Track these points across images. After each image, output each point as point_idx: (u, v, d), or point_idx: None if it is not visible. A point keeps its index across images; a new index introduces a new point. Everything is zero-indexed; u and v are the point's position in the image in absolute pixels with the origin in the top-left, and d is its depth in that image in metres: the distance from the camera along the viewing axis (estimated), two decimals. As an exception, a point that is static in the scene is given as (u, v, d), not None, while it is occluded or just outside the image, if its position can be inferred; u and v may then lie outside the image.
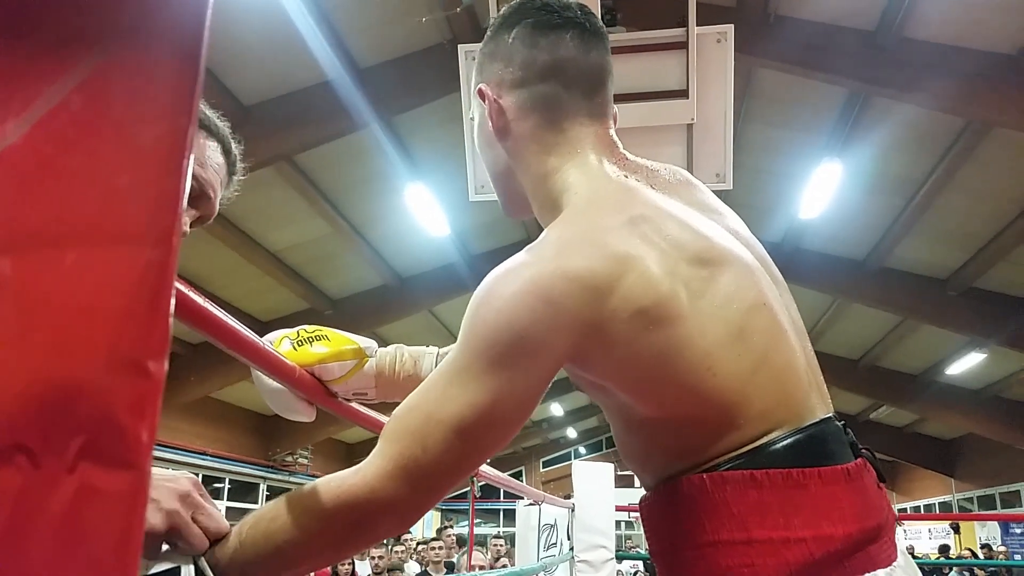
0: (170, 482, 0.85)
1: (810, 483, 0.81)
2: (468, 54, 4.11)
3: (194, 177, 1.10)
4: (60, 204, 0.35)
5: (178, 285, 0.81)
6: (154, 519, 0.80)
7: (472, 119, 1.08)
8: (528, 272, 0.82)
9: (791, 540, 0.78)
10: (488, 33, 1.04)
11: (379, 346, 1.24)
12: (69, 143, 0.36)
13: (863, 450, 0.90)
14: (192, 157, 0.36)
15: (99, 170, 0.36)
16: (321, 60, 6.29)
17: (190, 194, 1.09)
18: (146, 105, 0.36)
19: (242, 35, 5.95)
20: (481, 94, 1.01)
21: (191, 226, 1.15)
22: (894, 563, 0.82)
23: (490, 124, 1.01)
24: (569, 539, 4.42)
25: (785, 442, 0.82)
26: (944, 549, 13.34)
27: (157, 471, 0.81)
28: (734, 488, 0.81)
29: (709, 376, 0.82)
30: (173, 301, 0.34)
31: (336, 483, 0.84)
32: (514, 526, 4.67)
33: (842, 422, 0.90)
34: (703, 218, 0.95)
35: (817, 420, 0.85)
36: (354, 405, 1.28)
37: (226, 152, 1.18)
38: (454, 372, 0.83)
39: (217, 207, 1.19)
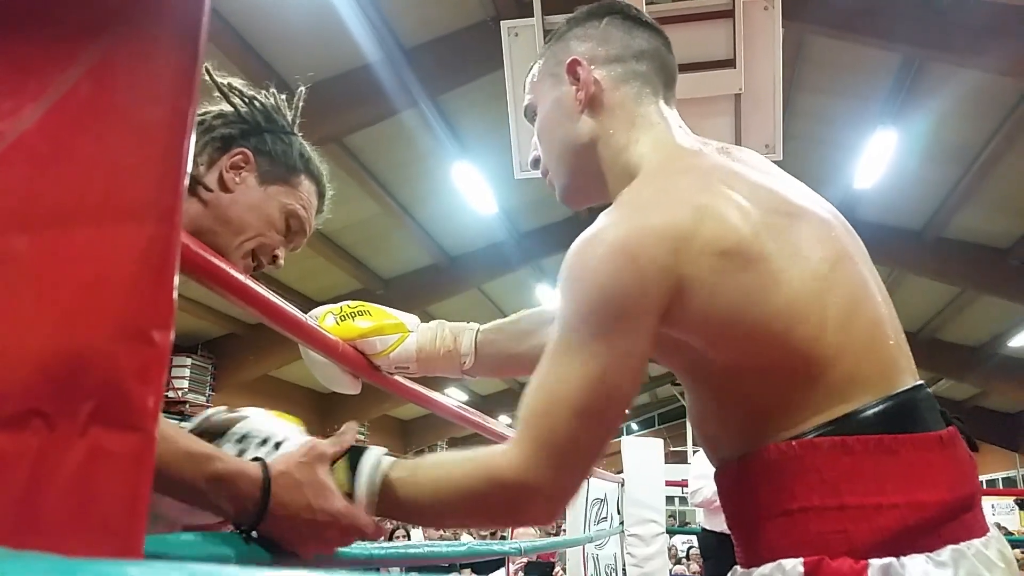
0: (321, 512, 0.83)
1: (903, 449, 0.80)
2: (511, 31, 4.09)
3: (296, 216, 1.19)
4: (71, 184, 0.37)
5: (226, 267, 0.84)
6: (305, 551, 0.82)
7: (527, 96, 1.10)
8: (609, 235, 0.84)
9: (884, 506, 0.78)
10: (569, 22, 1.08)
11: (419, 321, 1.28)
12: (79, 127, 0.38)
13: (954, 419, 0.89)
14: (192, 138, 0.38)
15: (107, 152, 0.38)
16: (367, 41, 6.32)
17: (291, 229, 1.19)
18: (149, 89, 0.38)
19: (289, 19, 6.01)
20: (574, 65, 1.03)
21: (284, 259, 1.22)
22: (988, 534, 0.81)
23: (580, 94, 1.02)
24: (619, 513, 4.44)
25: (877, 408, 0.82)
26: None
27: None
28: (826, 454, 0.81)
29: (795, 323, 0.82)
30: (177, 274, 0.36)
31: (484, 468, 0.86)
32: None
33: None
34: (775, 177, 0.97)
35: (908, 387, 0.85)
36: (397, 378, 1.31)
37: (320, 195, 1.28)
38: (561, 349, 0.84)
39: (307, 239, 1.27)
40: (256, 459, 0.84)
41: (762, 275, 0.82)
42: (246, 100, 1.18)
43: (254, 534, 0.81)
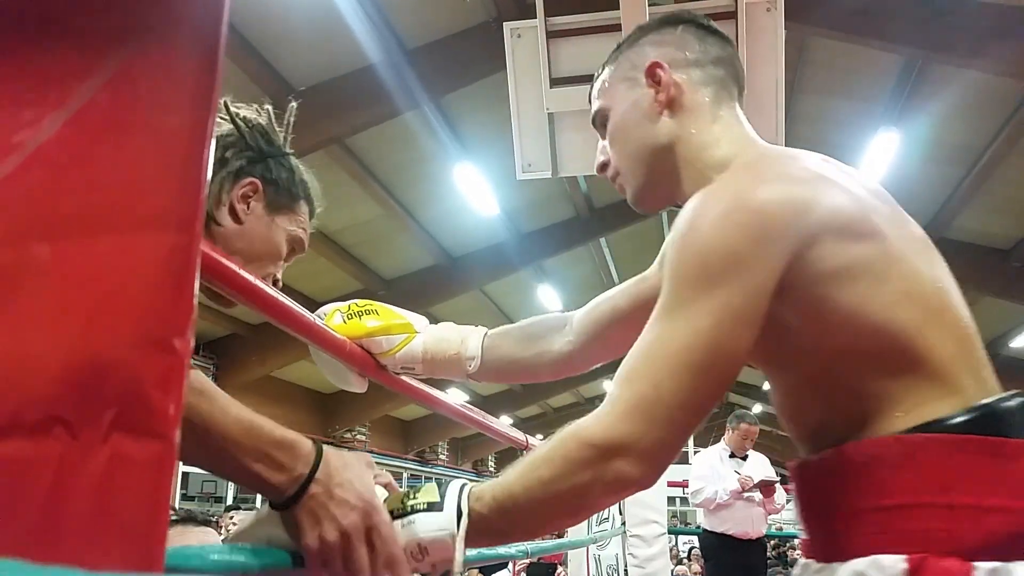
0: (358, 497, 0.82)
1: (1019, 455, 0.79)
2: (514, 32, 4.09)
3: (299, 241, 1.23)
4: (92, 193, 0.38)
5: (234, 267, 0.84)
6: (329, 534, 0.79)
7: (596, 103, 1.10)
8: (730, 194, 0.85)
9: (996, 508, 0.76)
10: (641, 29, 1.11)
11: (428, 322, 1.28)
12: (100, 136, 0.38)
13: None
14: (213, 145, 0.38)
15: (127, 161, 0.38)
16: (369, 42, 6.33)
17: (293, 252, 1.21)
18: (169, 99, 0.39)
19: (291, 20, 6.01)
20: (654, 68, 1.04)
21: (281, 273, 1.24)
22: None
23: (660, 96, 1.04)
24: (621, 514, 4.44)
25: (990, 410, 0.81)
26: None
27: (352, 476, 0.83)
28: (936, 451, 0.79)
29: (902, 307, 0.82)
30: (198, 282, 0.37)
31: (573, 430, 0.84)
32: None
33: None
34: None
35: (1013, 392, 0.84)
36: (403, 378, 1.32)
37: (311, 214, 1.29)
38: (671, 305, 0.84)
39: None
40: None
41: (880, 249, 0.84)
42: (250, 125, 1.18)
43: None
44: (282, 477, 0.80)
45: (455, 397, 1.74)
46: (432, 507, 0.85)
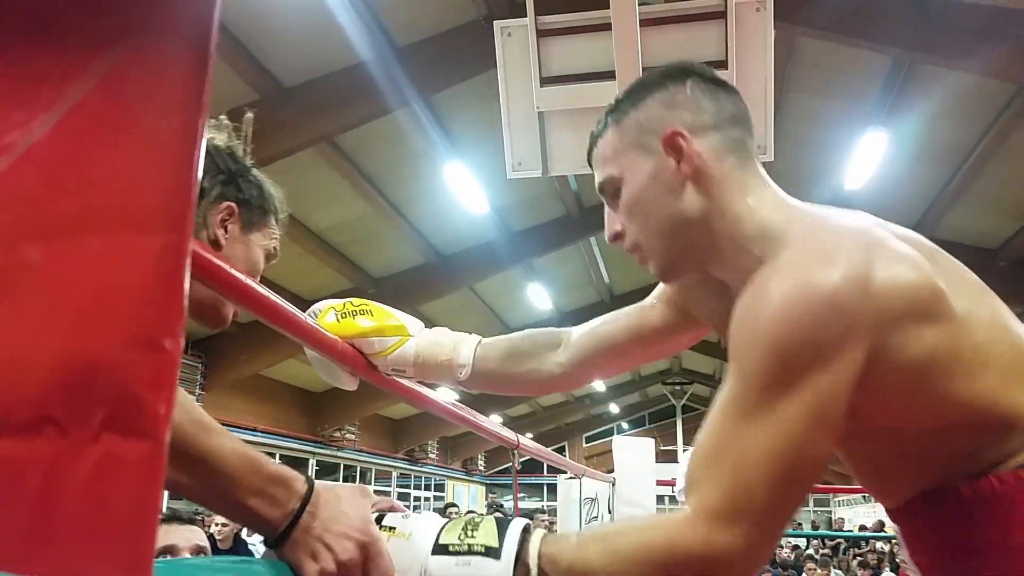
0: (355, 528, 0.82)
1: None
2: (504, 30, 4.09)
3: (274, 254, 1.22)
4: (82, 194, 0.38)
5: (226, 267, 0.84)
6: (327, 565, 0.78)
7: (602, 171, 1.04)
8: (795, 280, 0.81)
9: None
10: (642, 86, 1.03)
11: (422, 325, 1.28)
12: (90, 137, 0.39)
13: None
14: (204, 146, 0.38)
15: (118, 162, 0.38)
16: (360, 40, 6.32)
17: (269, 257, 1.21)
18: (159, 100, 0.39)
19: (281, 17, 6.00)
20: (674, 137, 0.97)
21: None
22: None
23: (684, 168, 0.97)
24: (610, 513, 4.46)
25: None
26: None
27: (352, 510, 0.82)
28: None
29: (986, 370, 0.82)
30: (188, 282, 0.37)
31: (664, 537, 0.82)
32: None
33: None
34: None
35: None
36: (394, 378, 1.32)
37: (278, 222, 1.26)
38: (751, 405, 0.80)
39: None
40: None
41: (950, 329, 0.82)
42: (215, 146, 1.16)
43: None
44: (276, 512, 0.79)
45: (445, 395, 1.75)
46: (490, 552, 0.83)
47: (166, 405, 0.35)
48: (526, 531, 0.85)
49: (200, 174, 0.38)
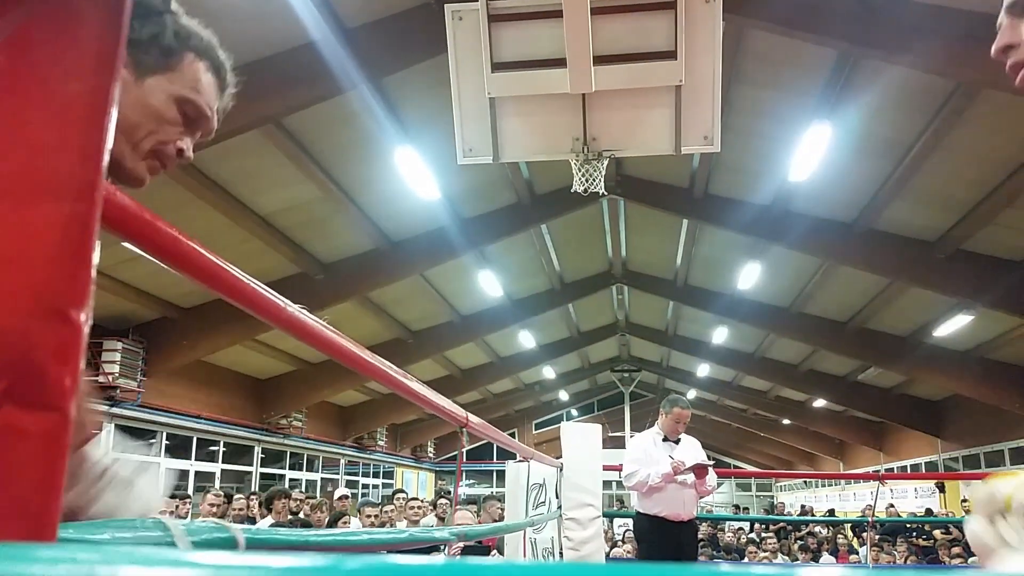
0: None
1: None
2: (455, 14, 4.06)
3: (189, 102, 1.07)
4: (-14, 159, 0.36)
5: (196, 246, 0.81)
6: None
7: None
8: None
9: None
10: None
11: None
12: (-5, 100, 0.37)
13: None
14: (115, 112, 0.37)
15: (24, 127, 0.37)
16: (307, 19, 6.22)
17: (189, 117, 1.07)
18: (70, 64, 0.37)
19: (227, -5, 5.87)
20: None
21: (194, 150, 1.11)
22: None
23: None
24: (557, 498, 4.49)
25: None
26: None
27: None
28: None
29: None
30: (97, 252, 0.36)
31: None
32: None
33: None
34: None
35: None
36: (364, 355, 1.25)
37: (215, 68, 1.14)
38: None
39: (216, 122, 1.15)
40: None
41: None
42: None
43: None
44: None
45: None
46: None
47: (71, 377, 0.34)
48: None
49: (111, 141, 0.37)
